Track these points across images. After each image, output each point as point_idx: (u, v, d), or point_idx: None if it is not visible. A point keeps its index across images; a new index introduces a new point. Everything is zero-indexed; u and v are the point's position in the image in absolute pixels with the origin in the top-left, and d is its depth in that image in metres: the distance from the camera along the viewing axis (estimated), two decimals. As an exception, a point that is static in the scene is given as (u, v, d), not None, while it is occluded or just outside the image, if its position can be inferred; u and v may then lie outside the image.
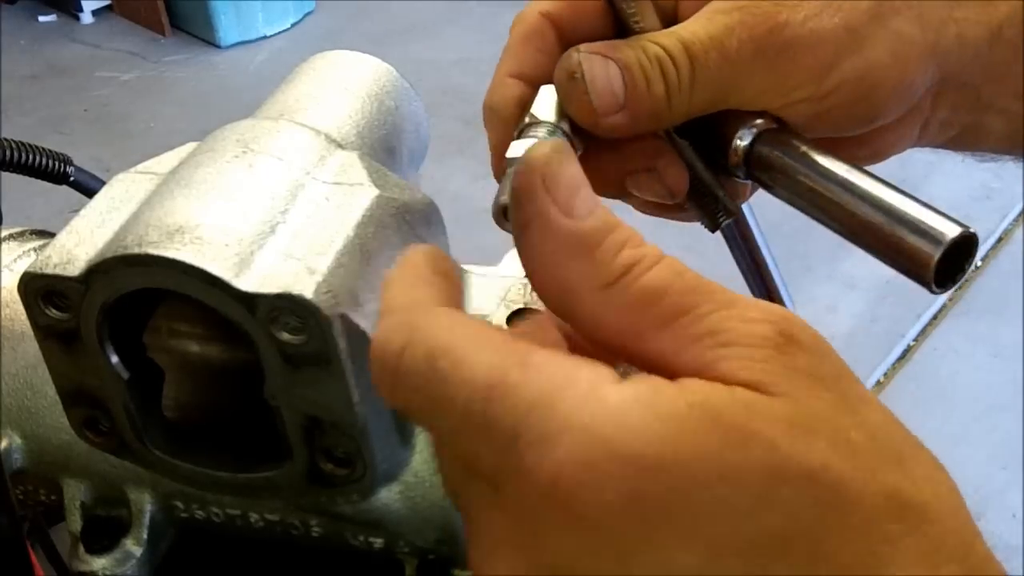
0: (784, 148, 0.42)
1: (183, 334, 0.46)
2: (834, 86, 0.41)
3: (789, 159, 0.41)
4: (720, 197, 0.45)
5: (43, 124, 3.36)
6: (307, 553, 0.54)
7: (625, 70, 0.41)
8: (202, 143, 0.48)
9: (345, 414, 0.43)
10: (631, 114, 0.41)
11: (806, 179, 0.40)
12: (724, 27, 0.41)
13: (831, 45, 0.41)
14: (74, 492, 0.54)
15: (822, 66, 0.41)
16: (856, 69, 0.41)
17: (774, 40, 0.41)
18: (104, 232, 0.44)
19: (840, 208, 0.40)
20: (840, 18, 0.41)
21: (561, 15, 0.44)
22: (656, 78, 0.41)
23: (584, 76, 0.41)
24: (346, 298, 0.41)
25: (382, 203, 0.45)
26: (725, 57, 0.41)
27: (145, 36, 3.93)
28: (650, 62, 0.41)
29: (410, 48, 3.71)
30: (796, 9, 0.41)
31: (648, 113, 0.41)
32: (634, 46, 0.42)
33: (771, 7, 0.41)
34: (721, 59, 0.41)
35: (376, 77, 0.58)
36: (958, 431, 2.13)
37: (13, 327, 0.54)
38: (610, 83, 0.41)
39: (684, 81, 0.41)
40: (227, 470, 0.46)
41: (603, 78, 0.41)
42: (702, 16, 0.42)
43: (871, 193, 0.39)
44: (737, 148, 0.42)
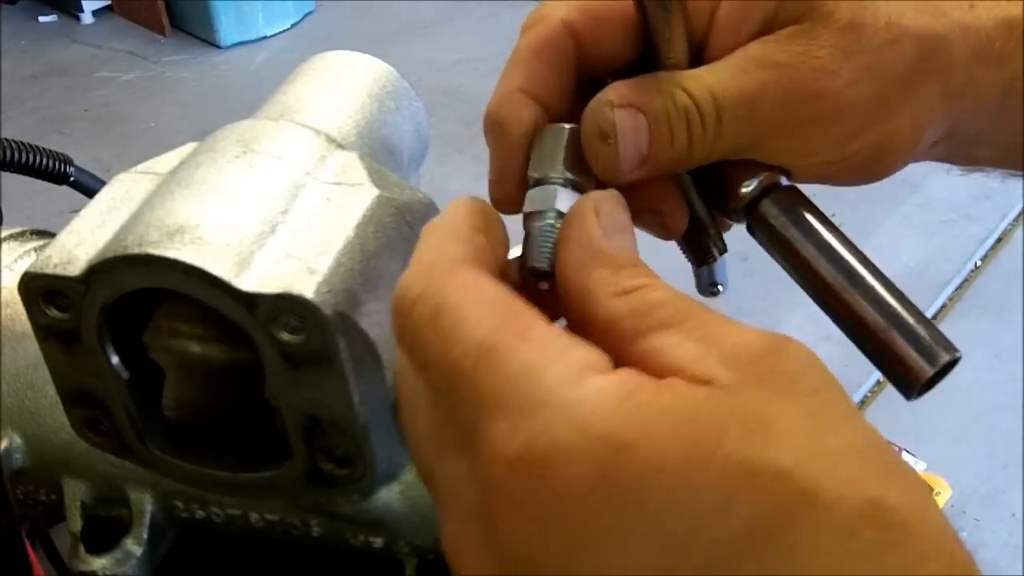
0: (790, 212, 0.41)
1: (183, 334, 0.46)
2: (854, 152, 0.41)
3: (793, 226, 0.41)
4: (712, 236, 0.46)
5: (43, 124, 3.36)
6: (307, 553, 0.55)
7: (653, 123, 0.40)
8: (202, 143, 0.48)
9: (345, 414, 0.43)
10: (651, 165, 0.40)
11: (807, 255, 0.40)
12: (757, 85, 0.39)
13: (861, 115, 0.40)
14: (74, 492, 0.54)
15: (847, 135, 0.40)
16: (878, 136, 0.40)
17: (807, 110, 0.39)
18: (104, 232, 0.44)
19: (837, 297, 0.39)
20: (875, 87, 0.39)
21: (584, 29, 0.41)
22: (681, 130, 0.40)
23: (619, 137, 0.39)
24: (346, 298, 0.41)
25: (382, 203, 0.45)
26: (753, 116, 0.40)
27: (145, 36, 3.93)
28: (677, 112, 0.40)
29: (410, 48, 3.71)
30: (834, 76, 0.39)
31: (667, 163, 0.41)
32: (663, 93, 0.40)
33: (809, 74, 0.39)
34: (749, 117, 0.40)
35: (376, 77, 0.58)
36: (958, 431, 2.13)
37: (13, 327, 0.54)
38: (638, 139, 0.40)
39: (709, 133, 0.40)
40: (227, 470, 0.46)
41: (632, 135, 0.39)
42: (735, 64, 0.40)
43: (875, 291, 0.38)
44: (742, 196, 0.42)
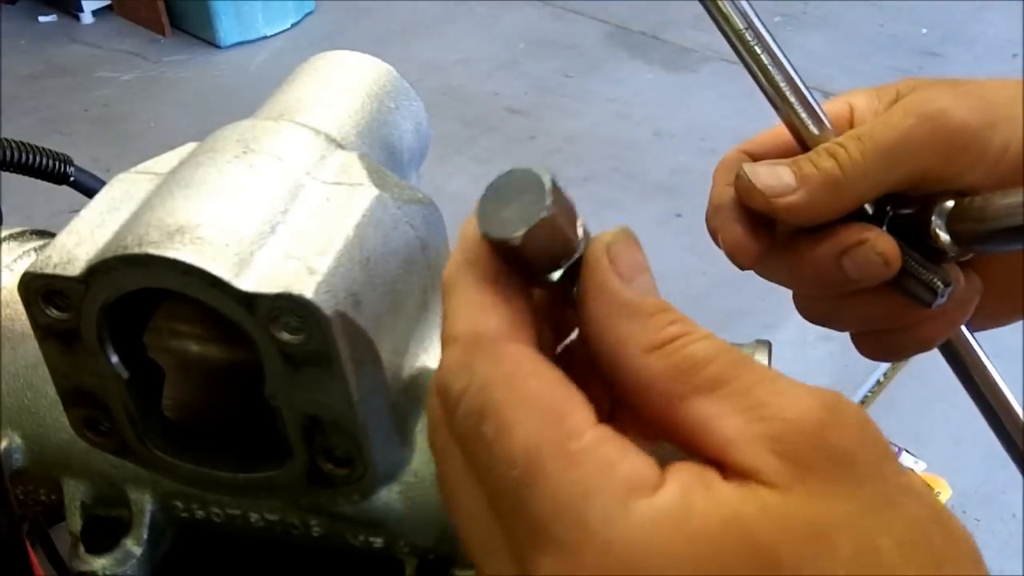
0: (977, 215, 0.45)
1: (183, 334, 0.46)
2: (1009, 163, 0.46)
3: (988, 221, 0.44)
4: (932, 267, 0.47)
5: (43, 124, 3.36)
6: (307, 553, 0.55)
7: (791, 164, 0.47)
8: (202, 143, 0.48)
9: (345, 414, 0.43)
10: (808, 191, 0.46)
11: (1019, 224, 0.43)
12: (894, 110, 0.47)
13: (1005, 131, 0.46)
14: (74, 492, 0.54)
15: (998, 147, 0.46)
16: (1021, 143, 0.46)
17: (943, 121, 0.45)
18: (104, 232, 0.44)
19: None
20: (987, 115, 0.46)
21: (753, 151, 0.52)
22: (825, 158, 0.47)
23: (746, 175, 0.48)
24: (346, 298, 0.41)
25: (382, 203, 0.45)
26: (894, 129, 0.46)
27: (145, 36, 3.93)
28: (817, 153, 0.47)
29: (410, 48, 3.71)
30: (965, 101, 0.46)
31: (825, 184, 0.46)
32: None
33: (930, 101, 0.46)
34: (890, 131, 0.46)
35: (376, 77, 0.58)
36: (958, 431, 2.13)
37: (13, 327, 0.54)
38: (776, 174, 0.47)
39: (854, 155, 0.46)
40: (227, 470, 0.46)
41: (768, 172, 0.47)
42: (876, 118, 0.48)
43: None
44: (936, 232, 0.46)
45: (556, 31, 3.90)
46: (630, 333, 0.31)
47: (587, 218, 0.33)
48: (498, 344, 0.30)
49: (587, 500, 0.27)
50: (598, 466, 0.27)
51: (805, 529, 0.26)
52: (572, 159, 3.16)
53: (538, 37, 3.85)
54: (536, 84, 3.56)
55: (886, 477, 0.28)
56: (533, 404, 0.29)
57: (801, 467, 0.27)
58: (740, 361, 0.30)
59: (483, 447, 0.29)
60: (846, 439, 0.28)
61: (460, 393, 0.30)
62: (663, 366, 0.30)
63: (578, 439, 0.28)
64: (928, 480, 1.92)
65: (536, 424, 0.28)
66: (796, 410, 0.28)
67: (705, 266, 2.64)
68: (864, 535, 0.26)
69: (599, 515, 0.26)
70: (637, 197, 2.98)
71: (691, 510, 0.27)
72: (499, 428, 0.28)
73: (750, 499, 0.27)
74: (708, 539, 0.26)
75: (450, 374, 0.31)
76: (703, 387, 0.29)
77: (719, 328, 0.32)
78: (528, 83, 3.56)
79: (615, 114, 3.37)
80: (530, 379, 0.29)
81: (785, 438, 0.28)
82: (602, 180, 3.06)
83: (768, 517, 0.26)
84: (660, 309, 0.31)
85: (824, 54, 3.63)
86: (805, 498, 0.27)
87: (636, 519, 0.26)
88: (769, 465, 0.27)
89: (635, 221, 1.89)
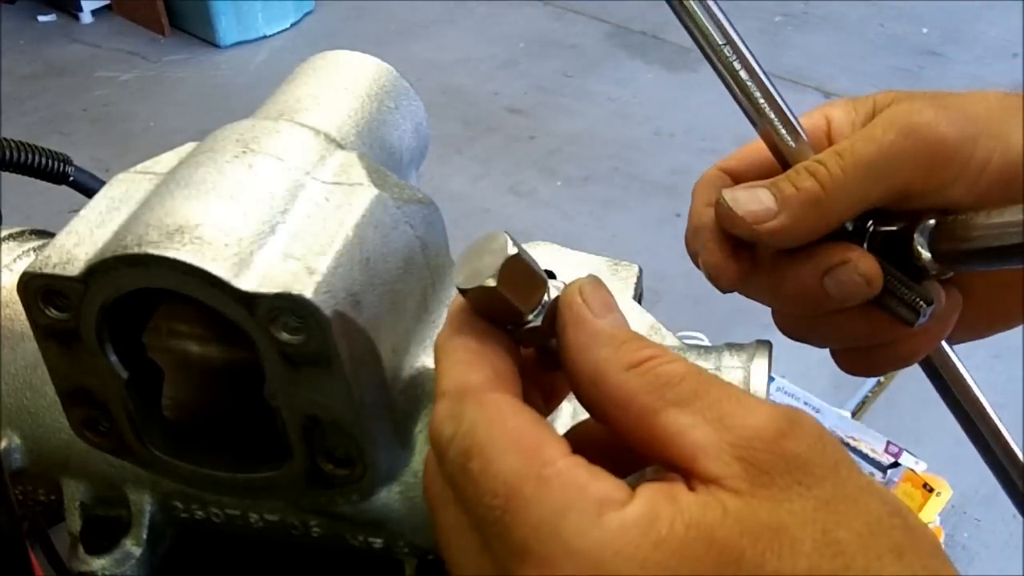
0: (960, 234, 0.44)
1: (183, 334, 0.46)
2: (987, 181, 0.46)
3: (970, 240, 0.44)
4: (913, 286, 0.47)
5: (43, 124, 3.36)
6: (307, 553, 0.54)
7: (771, 186, 0.47)
8: (202, 143, 0.48)
9: (345, 414, 0.43)
10: (790, 213, 0.46)
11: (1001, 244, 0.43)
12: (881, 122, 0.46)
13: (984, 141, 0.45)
14: (74, 492, 0.54)
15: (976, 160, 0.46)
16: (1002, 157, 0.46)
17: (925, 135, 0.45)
18: (104, 232, 0.44)
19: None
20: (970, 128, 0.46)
21: (733, 169, 0.52)
22: (805, 178, 0.46)
23: (726, 202, 0.47)
24: (345, 298, 0.41)
25: (382, 203, 0.45)
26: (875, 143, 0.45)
27: (145, 36, 3.93)
28: (796, 172, 0.47)
29: (410, 48, 3.71)
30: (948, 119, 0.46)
31: (805, 205, 0.46)
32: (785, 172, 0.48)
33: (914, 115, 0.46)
34: (871, 146, 0.45)
35: (376, 77, 0.58)
36: (958, 431, 2.13)
37: (13, 327, 0.54)
38: (757, 198, 0.47)
39: (835, 172, 0.45)
40: (227, 470, 0.46)
41: (748, 197, 0.47)
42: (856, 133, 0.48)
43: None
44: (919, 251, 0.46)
45: (556, 31, 3.90)
46: (608, 356, 0.34)
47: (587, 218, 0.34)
48: (482, 393, 0.34)
49: (561, 517, 0.29)
50: (571, 487, 0.30)
51: (766, 527, 0.28)
52: (572, 159, 3.16)
53: (538, 37, 3.85)
54: (536, 84, 3.56)
55: (843, 479, 0.30)
56: (512, 440, 0.32)
57: (762, 473, 0.30)
58: (709, 379, 0.33)
59: (470, 482, 0.32)
60: (802, 446, 0.30)
61: (450, 438, 0.33)
62: (640, 383, 0.33)
63: (552, 466, 0.31)
64: (928, 480, 1.91)
65: (515, 457, 0.31)
66: (757, 420, 0.31)
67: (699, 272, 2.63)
68: (823, 529, 0.28)
69: (573, 529, 0.29)
70: (637, 197, 2.97)
71: (657, 519, 0.29)
72: (483, 463, 0.31)
73: (712, 505, 0.29)
74: (673, 543, 0.28)
75: (441, 423, 0.34)
76: (676, 401, 0.32)
77: (719, 328, 0.33)
78: (528, 83, 3.56)
79: (615, 114, 3.37)
80: (509, 420, 0.33)
81: (747, 445, 0.30)
82: (602, 180, 3.06)
83: (730, 520, 0.29)
84: (633, 337, 0.35)
85: (825, 54, 3.63)
86: (765, 501, 0.29)
87: (606, 530, 0.29)
88: (732, 471, 0.30)
89: (635, 221, 1.90)
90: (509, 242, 0.35)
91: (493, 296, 0.35)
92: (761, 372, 0.48)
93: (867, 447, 1.99)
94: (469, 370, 0.35)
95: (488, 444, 0.32)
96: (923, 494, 1.90)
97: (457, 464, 0.32)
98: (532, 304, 0.36)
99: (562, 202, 2.95)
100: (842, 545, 0.28)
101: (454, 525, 0.34)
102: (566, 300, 0.36)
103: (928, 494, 1.90)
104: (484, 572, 0.32)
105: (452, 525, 0.34)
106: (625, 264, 0.58)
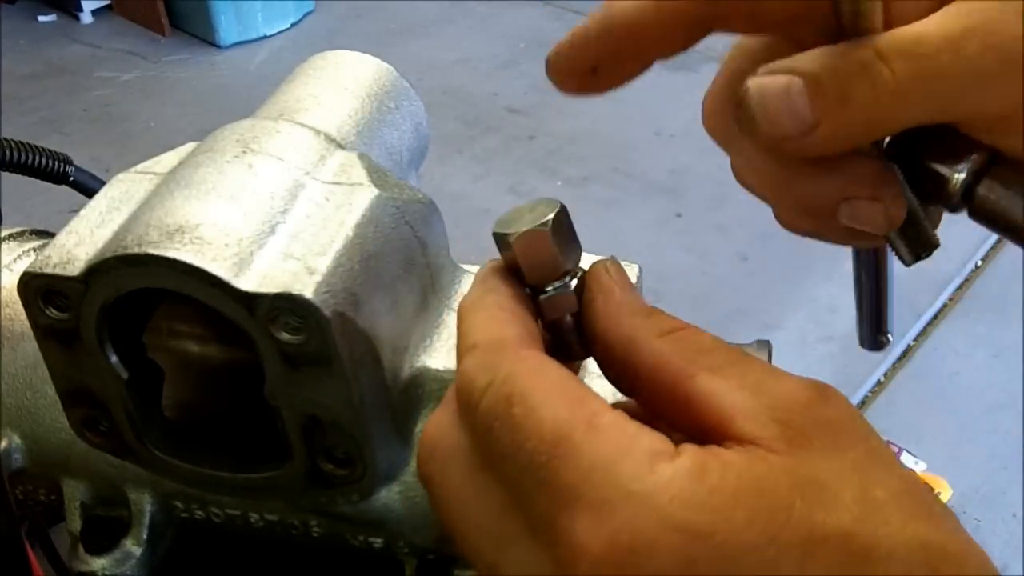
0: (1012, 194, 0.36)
1: (183, 334, 0.46)
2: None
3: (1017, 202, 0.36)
4: (926, 228, 0.41)
5: (43, 124, 3.36)
6: (307, 553, 0.54)
7: (812, 84, 0.35)
8: (202, 143, 0.48)
9: (345, 414, 0.43)
10: (830, 129, 0.35)
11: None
12: (962, 28, 0.34)
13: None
14: (74, 492, 0.54)
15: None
16: None
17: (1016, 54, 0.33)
18: (104, 232, 0.44)
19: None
20: None
21: None
22: (861, 83, 0.34)
23: (752, 103, 0.35)
24: (346, 298, 0.41)
25: (382, 203, 0.45)
26: (960, 59, 0.33)
27: (145, 36, 3.93)
28: (849, 67, 0.34)
29: (410, 48, 3.71)
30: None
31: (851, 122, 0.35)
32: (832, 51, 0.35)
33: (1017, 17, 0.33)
34: (955, 62, 0.34)
35: (376, 77, 0.58)
36: (958, 431, 2.13)
37: (13, 327, 0.54)
38: (790, 103, 0.35)
39: (902, 81, 0.34)
40: (227, 470, 0.46)
41: (779, 102, 0.35)
42: (933, 17, 0.35)
43: None
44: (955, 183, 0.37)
45: (556, 31, 3.89)
46: (641, 323, 0.34)
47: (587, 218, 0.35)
48: (519, 346, 0.33)
49: (616, 463, 0.29)
50: (622, 436, 0.30)
51: (810, 482, 0.29)
52: (572, 159, 3.16)
53: (538, 37, 3.85)
54: (536, 84, 3.56)
55: (874, 447, 0.31)
56: (557, 389, 0.31)
57: (799, 434, 0.30)
58: (739, 350, 0.33)
59: (511, 429, 0.31)
60: (836, 412, 0.31)
61: (485, 386, 0.32)
62: (675, 348, 0.33)
63: (601, 416, 0.30)
64: (928, 480, 1.92)
65: (562, 404, 0.31)
66: (791, 387, 0.31)
67: (705, 266, 2.64)
68: (861, 487, 0.29)
69: (628, 474, 0.29)
70: (637, 197, 2.97)
71: (708, 470, 0.29)
72: (527, 409, 0.31)
73: (757, 460, 0.29)
74: (726, 491, 0.28)
75: (473, 372, 0.33)
76: (711, 367, 0.32)
77: (719, 328, 0.34)
78: (528, 83, 3.56)
79: (615, 114, 3.37)
80: (551, 371, 0.32)
81: (784, 407, 0.31)
82: (602, 180, 3.06)
83: (776, 472, 0.29)
84: (658, 311, 0.35)
85: (824, 54, 3.63)
86: (805, 460, 0.30)
87: (661, 476, 0.29)
88: (771, 432, 0.30)
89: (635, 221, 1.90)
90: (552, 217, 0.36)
91: (540, 243, 0.36)
92: (761, 372, 0.48)
93: (867, 447, 1.99)
94: (503, 325, 0.34)
95: (532, 391, 0.31)
96: (923, 494, 1.90)
97: (495, 412, 0.31)
98: (572, 262, 0.37)
99: (562, 202, 2.95)
100: (879, 503, 0.29)
101: (472, 489, 0.32)
102: (594, 274, 0.37)
103: (928, 494, 1.90)
104: (509, 532, 0.31)
105: (469, 490, 0.33)
106: (625, 264, 0.58)
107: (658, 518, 0.28)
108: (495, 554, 0.32)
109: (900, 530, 0.28)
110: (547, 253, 0.36)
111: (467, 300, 0.36)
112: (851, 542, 0.28)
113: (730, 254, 2.68)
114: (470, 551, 0.33)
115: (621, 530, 0.28)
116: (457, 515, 0.33)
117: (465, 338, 0.35)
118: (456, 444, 0.33)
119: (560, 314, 0.37)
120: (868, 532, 0.28)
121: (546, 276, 0.36)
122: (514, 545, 0.31)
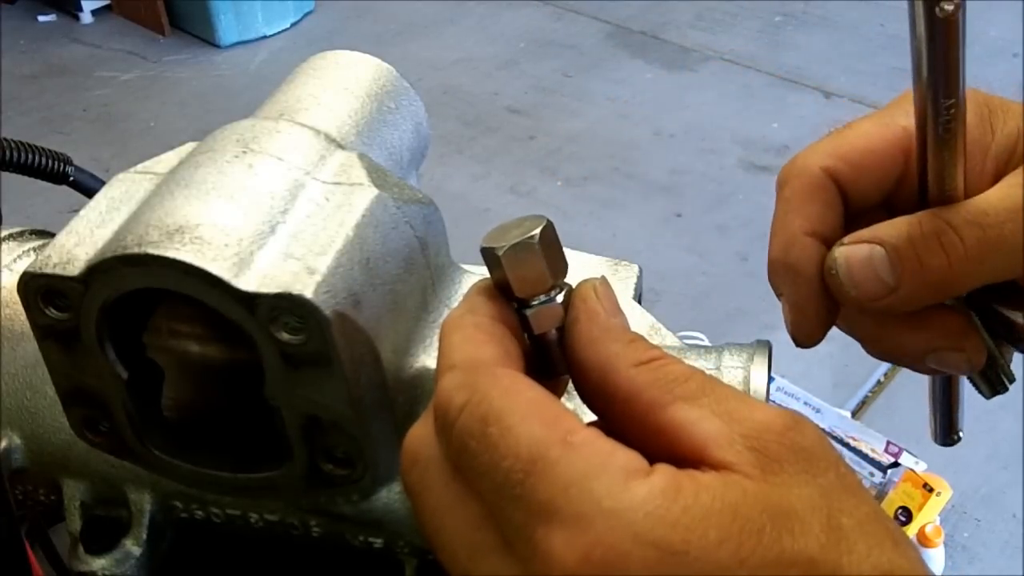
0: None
1: (183, 334, 0.46)
2: None
3: None
4: (1003, 365, 0.44)
5: (43, 124, 3.36)
6: (307, 553, 0.54)
7: (892, 251, 0.40)
8: (202, 143, 0.48)
9: (345, 414, 0.43)
10: (909, 292, 0.40)
11: None
12: None
13: None
14: (74, 492, 0.54)
15: None
16: None
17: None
18: (104, 232, 0.44)
19: None
20: None
21: (843, 174, 0.43)
22: (935, 253, 0.39)
23: (840, 271, 0.41)
24: (346, 298, 0.41)
25: (382, 203, 0.45)
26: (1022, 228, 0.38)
27: (145, 36, 3.94)
28: (925, 242, 0.39)
29: (410, 48, 3.71)
30: None
31: (928, 285, 0.40)
32: (909, 222, 0.40)
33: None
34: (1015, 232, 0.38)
35: (376, 77, 0.58)
36: (958, 431, 2.13)
37: (13, 327, 0.54)
38: (873, 271, 0.40)
39: (972, 250, 0.39)
40: (227, 470, 0.46)
41: (864, 269, 0.41)
42: (1000, 186, 0.40)
43: None
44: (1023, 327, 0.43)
45: (556, 31, 3.90)
46: (619, 351, 0.35)
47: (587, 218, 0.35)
48: (495, 367, 0.34)
49: (591, 479, 0.30)
50: (598, 453, 0.31)
51: (780, 508, 0.30)
52: (572, 159, 3.16)
53: (538, 37, 3.85)
54: (536, 84, 3.56)
55: (843, 473, 0.32)
56: (532, 409, 0.32)
57: (772, 460, 0.31)
58: (713, 380, 0.34)
59: (487, 447, 0.31)
60: (808, 439, 0.32)
61: (461, 406, 0.33)
62: (649, 378, 0.33)
63: (576, 434, 0.31)
64: (928, 480, 1.92)
65: (537, 424, 0.31)
66: (764, 415, 0.32)
67: (705, 266, 2.64)
68: (828, 514, 0.30)
69: (603, 490, 0.29)
70: (637, 197, 2.98)
71: (682, 489, 0.30)
72: (503, 429, 0.31)
73: (732, 485, 0.30)
74: (699, 510, 0.29)
75: (451, 392, 0.33)
76: (685, 396, 0.33)
77: (719, 328, 0.34)
78: (528, 83, 3.56)
79: (615, 114, 3.37)
80: (525, 391, 0.33)
81: (757, 435, 0.31)
82: (602, 180, 3.06)
83: (750, 498, 0.30)
84: (640, 338, 0.36)
85: (824, 54, 3.63)
86: (777, 486, 0.30)
87: (635, 493, 0.29)
88: (745, 459, 0.31)
89: (635, 221, 1.90)
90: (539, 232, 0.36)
91: (528, 256, 0.36)
92: (761, 372, 0.48)
93: (867, 447, 1.99)
94: (481, 346, 0.35)
95: (507, 411, 0.32)
96: (923, 494, 1.90)
97: (471, 430, 0.32)
98: (558, 277, 0.37)
99: (562, 202, 2.95)
100: (846, 530, 0.30)
101: (448, 500, 0.33)
102: (581, 294, 0.37)
103: (928, 494, 1.90)
104: (484, 546, 0.32)
105: (445, 501, 0.33)
106: (625, 264, 0.58)
107: (632, 533, 0.29)
108: (470, 564, 0.32)
109: (865, 558, 0.29)
110: (535, 266, 0.36)
111: (448, 320, 0.37)
112: (817, 568, 0.29)
113: (730, 254, 2.68)
114: (446, 560, 0.33)
115: (596, 544, 0.29)
116: (435, 525, 0.34)
117: (444, 358, 0.35)
118: (435, 456, 0.34)
119: (547, 328, 0.38)
120: (833, 560, 0.29)
121: (534, 289, 0.37)
122: (489, 557, 0.32)
